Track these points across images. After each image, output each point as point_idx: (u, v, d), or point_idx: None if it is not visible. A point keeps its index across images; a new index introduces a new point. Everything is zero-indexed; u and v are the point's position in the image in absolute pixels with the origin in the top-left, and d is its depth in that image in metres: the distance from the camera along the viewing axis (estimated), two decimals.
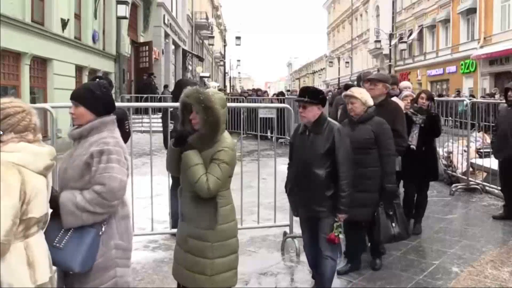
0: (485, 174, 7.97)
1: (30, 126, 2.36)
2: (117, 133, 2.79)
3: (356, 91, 4.28)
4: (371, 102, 4.25)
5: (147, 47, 21.90)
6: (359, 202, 3.98)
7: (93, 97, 2.72)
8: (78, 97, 2.74)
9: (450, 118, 10.97)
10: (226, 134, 3.05)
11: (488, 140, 8.10)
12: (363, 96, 4.23)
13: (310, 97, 3.71)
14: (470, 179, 7.87)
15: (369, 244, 4.71)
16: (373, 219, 4.23)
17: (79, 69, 14.49)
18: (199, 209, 2.99)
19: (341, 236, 3.74)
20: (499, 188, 6.82)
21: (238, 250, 3.14)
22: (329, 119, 3.83)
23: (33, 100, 11.29)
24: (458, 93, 23.21)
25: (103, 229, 2.63)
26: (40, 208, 2.31)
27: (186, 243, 3.04)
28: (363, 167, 4.07)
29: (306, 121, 3.76)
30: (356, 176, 3.82)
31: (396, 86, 6.75)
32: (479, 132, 9.01)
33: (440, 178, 6.01)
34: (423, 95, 5.72)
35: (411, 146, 5.53)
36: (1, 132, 2.30)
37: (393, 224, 4.21)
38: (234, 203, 3.15)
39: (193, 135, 3.00)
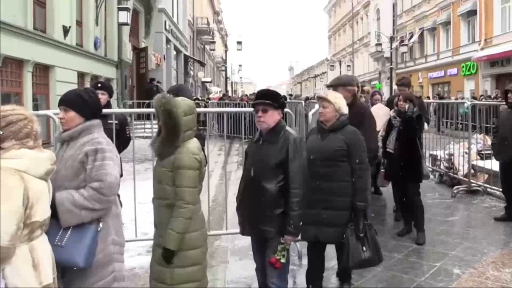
0: (486, 176, 7.98)
1: (31, 133, 2.42)
2: (104, 134, 2.92)
3: (331, 95, 3.86)
4: (345, 109, 3.80)
5: (144, 52, 21.96)
6: (326, 221, 3.65)
7: (82, 102, 2.85)
8: (68, 102, 2.85)
9: (452, 120, 10.97)
10: (191, 140, 3.09)
11: (489, 142, 8.11)
12: (338, 101, 3.78)
13: (272, 100, 3.34)
14: (471, 181, 7.88)
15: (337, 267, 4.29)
16: (342, 241, 3.70)
17: (81, 75, 14.55)
18: (163, 217, 3.05)
19: (283, 261, 3.27)
20: (501, 189, 6.83)
21: (204, 263, 3.16)
22: (287, 127, 3.44)
23: (35, 107, 11.35)
24: (438, 96, 23.38)
25: (100, 225, 2.73)
26: (43, 211, 2.38)
27: (154, 252, 3.13)
28: (332, 181, 3.67)
29: (265, 127, 3.35)
30: (324, 192, 3.59)
31: (407, 88, 6.65)
32: (480, 134, 9.01)
33: (426, 179, 5.88)
34: (400, 97, 5.65)
35: (388, 150, 5.64)
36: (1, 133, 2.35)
37: (364, 248, 3.67)
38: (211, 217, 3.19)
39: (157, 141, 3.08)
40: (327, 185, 3.65)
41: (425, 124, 6.55)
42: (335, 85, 4.62)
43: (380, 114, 5.76)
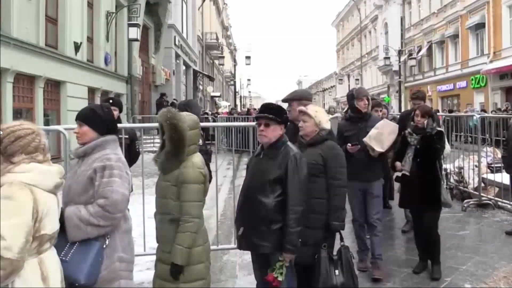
0: (497, 189, 7.91)
1: (39, 147, 2.46)
2: (119, 150, 2.94)
3: (311, 109, 3.73)
4: (326, 125, 3.68)
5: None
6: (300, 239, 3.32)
7: (95, 116, 2.91)
8: (82, 117, 2.93)
9: (461, 133, 10.91)
10: (195, 155, 3.10)
11: (499, 155, 8.05)
12: (318, 116, 3.67)
13: (276, 114, 3.29)
14: (482, 194, 7.81)
15: None
16: (314, 263, 3.47)
17: (91, 91, 14.72)
18: (166, 232, 3.04)
19: (280, 278, 3.14)
20: None
21: (208, 278, 3.14)
22: (289, 143, 3.36)
23: (46, 122, 11.47)
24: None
25: (107, 242, 2.74)
26: (52, 225, 2.40)
27: (157, 268, 3.13)
28: (307, 197, 3.38)
29: (266, 141, 3.31)
30: None
31: (423, 101, 6.11)
32: (490, 147, 8.94)
33: (446, 206, 5.06)
34: (417, 112, 4.90)
35: (403, 172, 4.87)
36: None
37: (337, 272, 3.41)
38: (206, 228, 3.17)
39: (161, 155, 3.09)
40: None
41: (447, 146, 5.75)
42: (289, 99, 4.36)
43: (385, 132, 4.78)
